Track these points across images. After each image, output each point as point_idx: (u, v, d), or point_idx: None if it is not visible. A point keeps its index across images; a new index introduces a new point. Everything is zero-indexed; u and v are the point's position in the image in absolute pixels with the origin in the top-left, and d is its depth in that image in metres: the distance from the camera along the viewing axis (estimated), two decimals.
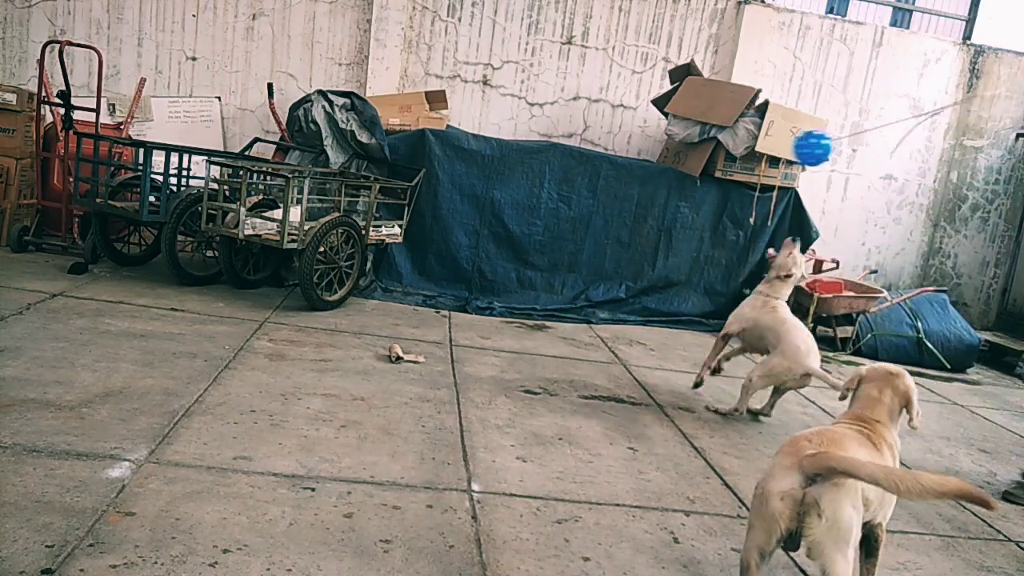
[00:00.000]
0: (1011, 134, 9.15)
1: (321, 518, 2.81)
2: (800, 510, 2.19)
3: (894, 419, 2.60)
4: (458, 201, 7.15)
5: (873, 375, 2.65)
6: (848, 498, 2.19)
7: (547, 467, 3.58)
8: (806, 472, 2.20)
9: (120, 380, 3.86)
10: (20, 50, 7.63)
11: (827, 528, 2.17)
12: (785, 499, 2.21)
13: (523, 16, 8.24)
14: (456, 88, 8.25)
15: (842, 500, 2.18)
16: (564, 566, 2.74)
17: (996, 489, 4.22)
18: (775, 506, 2.22)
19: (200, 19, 7.82)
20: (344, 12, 7.99)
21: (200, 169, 6.61)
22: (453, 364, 5.05)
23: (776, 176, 7.46)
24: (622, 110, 8.57)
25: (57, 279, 5.70)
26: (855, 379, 2.70)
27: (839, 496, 2.17)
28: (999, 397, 6.57)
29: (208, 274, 6.21)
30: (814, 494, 2.17)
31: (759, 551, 2.27)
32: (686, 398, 5.06)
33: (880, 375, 2.63)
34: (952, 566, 3.23)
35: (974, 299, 9.48)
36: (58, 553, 2.36)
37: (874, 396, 2.59)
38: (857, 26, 8.78)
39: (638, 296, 7.55)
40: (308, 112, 6.90)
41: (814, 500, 2.17)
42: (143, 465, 3.01)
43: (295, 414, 3.76)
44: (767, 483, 2.29)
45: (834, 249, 8.73)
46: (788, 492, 2.21)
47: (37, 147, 6.60)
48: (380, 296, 6.76)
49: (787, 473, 2.24)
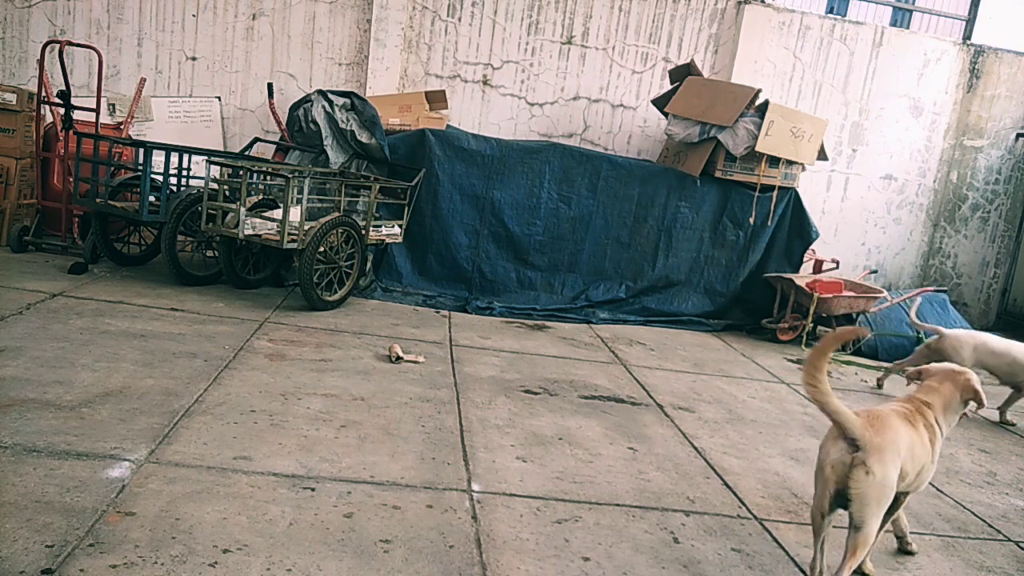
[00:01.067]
0: (1011, 134, 9.15)
1: (321, 518, 2.81)
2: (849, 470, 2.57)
3: (948, 407, 2.91)
4: (458, 201, 7.15)
5: (937, 370, 3.01)
6: (891, 463, 2.59)
7: (547, 467, 3.58)
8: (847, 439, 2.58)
9: (120, 380, 3.86)
10: (20, 50, 7.63)
11: (870, 483, 2.54)
12: (835, 465, 2.60)
13: (523, 16, 8.24)
14: (456, 88, 8.25)
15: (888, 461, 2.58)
16: (564, 566, 2.74)
17: (996, 489, 4.21)
18: (827, 472, 2.63)
19: (200, 19, 7.82)
20: (344, 12, 7.99)
21: (200, 169, 6.61)
22: (453, 364, 5.05)
23: (776, 176, 7.46)
24: (622, 110, 8.57)
25: (57, 279, 5.70)
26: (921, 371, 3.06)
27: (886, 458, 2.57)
28: (999, 397, 6.56)
29: (208, 274, 6.21)
30: (860, 456, 2.56)
31: (821, 510, 2.69)
32: (686, 398, 5.06)
33: (943, 370, 2.99)
34: (952, 566, 3.22)
35: (974, 299, 9.48)
36: (58, 553, 2.36)
37: (933, 386, 2.94)
38: (857, 26, 8.78)
39: (638, 296, 7.55)
40: (308, 112, 6.90)
41: (861, 460, 2.55)
42: (143, 465, 3.01)
43: (295, 414, 3.76)
44: (822, 457, 2.68)
45: (834, 249, 8.74)
46: (838, 459, 2.60)
47: (37, 147, 6.60)
48: (380, 296, 6.76)
49: (835, 443, 2.63)
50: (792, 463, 4.14)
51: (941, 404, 2.89)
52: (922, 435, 2.79)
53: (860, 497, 2.56)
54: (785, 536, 3.25)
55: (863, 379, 6.40)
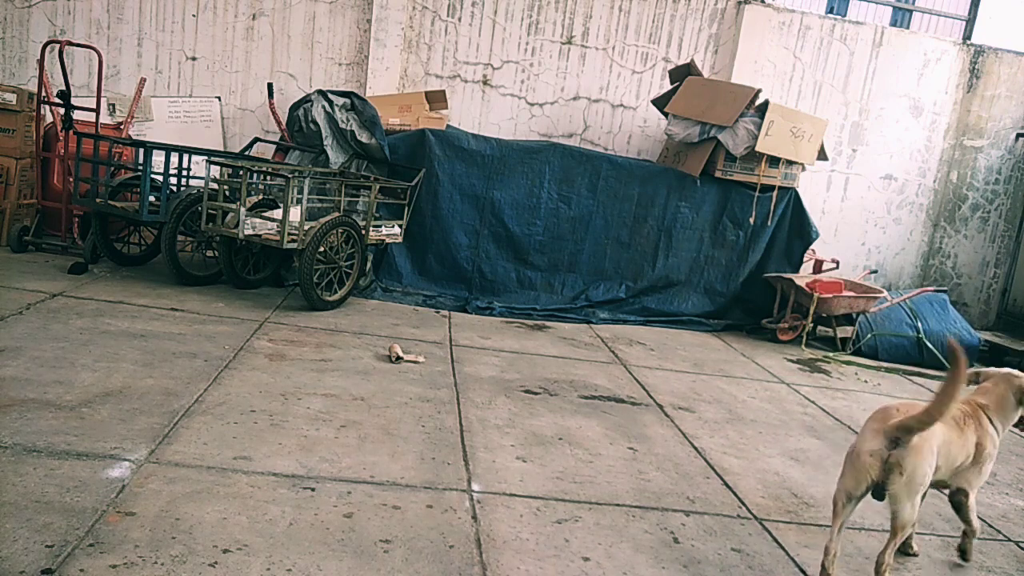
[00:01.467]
0: (1011, 134, 9.15)
1: (321, 518, 2.81)
2: (885, 468, 2.68)
3: (1002, 408, 3.05)
4: (458, 201, 7.15)
5: (995, 373, 3.15)
6: (924, 460, 2.70)
7: (547, 467, 3.58)
8: (888, 436, 2.67)
9: (120, 380, 3.86)
10: (20, 50, 7.63)
11: (905, 482, 2.68)
12: (873, 456, 2.70)
13: (523, 16, 8.24)
14: (456, 88, 8.25)
15: (919, 461, 2.68)
16: (564, 566, 2.74)
17: (996, 489, 4.21)
18: (865, 461, 2.72)
19: (200, 19, 7.82)
20: (344, 12, 7.99)
21: (200, 169, 6.61)
22: (453, 364, 5.05)
23: (776, 176, 7.46)
24: (622, 110, 8.57)
25: (57, 279, 5.70)
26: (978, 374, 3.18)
27: (917, 458, 2.68)
28: None
29: (208, 274, 6.21)
30: (897, 456, 2.66)
31: (847, 494, 2.79)
32: (686, 398, 5.06)
33: (1001, 374, 3.13)
34: (952, 566, 3.22)
35: (974, 299, 9.48)
36: (58, 553, 2.36)
37: (988, 387, 3.09)
38: (857, 26, 8.78)
39: (638, 296, 7.55)
40: (308, 112, 6.90)
41: (897, 461, 2.65)
42: (143, 465, 3.01)
43: (295, 414, 3.76)
44: (859, 443, 2.77)
45: (834, 249, 8.74)
46: (876, 451, 2.69)
47: (37, 147, 6.60)
48: (380, 296, 6.76)
49: (875, 436, 2.72)
50: (792, 463, 4.14)
51: (995, 404, 3.05)
52: (965, 435, 2.94)
53: (895, 493, 2.71)
54: (785, 536, 3.25)
55: (864, 379, 6.40)
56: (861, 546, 3.23)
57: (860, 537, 3.32)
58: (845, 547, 3.03)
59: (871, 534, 3.38)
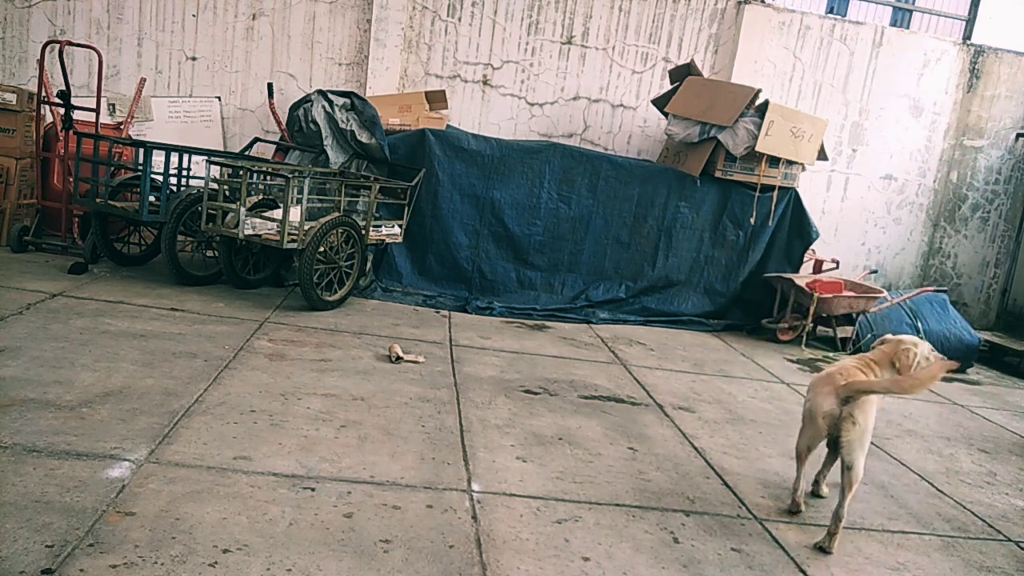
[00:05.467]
0: (1011, 134, 9.15)
1: (321, 518, 2.81)
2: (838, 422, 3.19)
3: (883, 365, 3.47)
4: (458, 201, 7.15)
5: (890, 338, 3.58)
6: (871, 411, 3.23)
7: (547, 467, 3.58)
8: (840, 396, 3.20)
9: (120, 380, 3.86)
10: (20, 50, 7.63)
11: (859, 432, 3.17)
12: (827, 416, 3.24)
13: (523, 16, 8.24)
14: (456, 88, 8.25)
15: (868, 412, 3.21)
16: (564, 566, 2.74)
17: (996, 489, 4.22)
18: (820, 420, 3.27)
19: (200, 19, 7.82)
20: (344, 12, 7.99)
21: (200, 169, 6.61)
22: (453, 364, 5.05)
23: (776, 176, 7.46)
24: (622, 110, 8.57)
25: (57, 279, 5.70)
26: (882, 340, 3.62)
27: (866, 410, 3.20)
28: (999, 397, 6.57)
29: (208, 274, 6.20)
30: (849, 410, 3.18)
31: (807, 447, 3.42)
32: (686, 398, 5.06)
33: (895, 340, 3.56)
34: (952, 566, 3.23)
35: (974, 299, 9.47)
36: (58, 553, 2.36)
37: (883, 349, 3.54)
38: (857, 26, 8.78)
39: (638, 296, 7.55)
40: (308, 112, 6.90)
41: (849, 414, 3.17)
42: (143, 465, 3.01)
43: (295, 414, 3.76)
44: (814, 404, 3.31)
45: (834, 249, 8.74)
46: (829, 411, 3.23)
47: (37, 147, 6.60)
48: (380, 296, 6.76)
49: (828, 397, 3.25)
50: (792, 463, 4.12)
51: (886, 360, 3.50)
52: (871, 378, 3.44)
53: (849, 443, 3.18)
54: (785, 536, 3.25)
55: None
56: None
57: (860, 537, 3.32)
58: None
59: (871, 534, 3.39)
